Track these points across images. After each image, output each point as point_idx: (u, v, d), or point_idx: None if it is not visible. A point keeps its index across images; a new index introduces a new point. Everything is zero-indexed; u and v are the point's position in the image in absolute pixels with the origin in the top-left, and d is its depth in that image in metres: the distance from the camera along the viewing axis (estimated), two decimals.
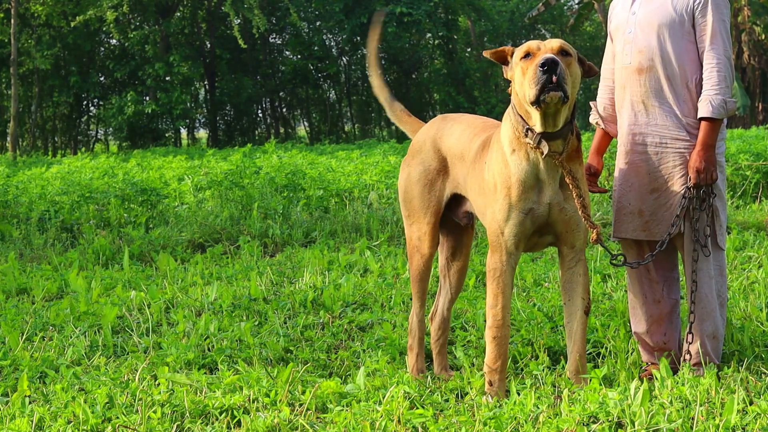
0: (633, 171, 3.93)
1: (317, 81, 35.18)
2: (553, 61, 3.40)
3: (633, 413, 3.24)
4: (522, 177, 3.58)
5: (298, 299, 5.54)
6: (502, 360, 3.67)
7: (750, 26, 26.26)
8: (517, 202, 3.59)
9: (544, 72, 3.39)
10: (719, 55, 3.77)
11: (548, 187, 3.59)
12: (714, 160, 3.76)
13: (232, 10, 27.63)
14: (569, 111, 3.55)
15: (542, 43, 3.56)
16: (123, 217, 9.08)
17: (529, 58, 3.53)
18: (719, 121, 3.77)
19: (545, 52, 3.48)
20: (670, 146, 3.85)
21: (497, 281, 3.65)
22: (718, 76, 3.75)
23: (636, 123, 3.91)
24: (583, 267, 3.71)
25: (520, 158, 3.58)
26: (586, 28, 36.44)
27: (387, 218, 8.56)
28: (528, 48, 3.55)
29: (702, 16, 3.80)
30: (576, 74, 3.54)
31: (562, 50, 3.51)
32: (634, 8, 3.95)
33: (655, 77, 3.86)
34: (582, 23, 26.79)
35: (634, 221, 3.94)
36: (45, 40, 29.75)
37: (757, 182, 10.21)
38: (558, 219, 3.62)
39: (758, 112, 28.13)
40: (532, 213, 3.60)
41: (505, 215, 3.61)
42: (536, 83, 3.41)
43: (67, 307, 5.47)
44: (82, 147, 33.31)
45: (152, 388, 3.82)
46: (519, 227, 3.61)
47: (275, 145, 17.52)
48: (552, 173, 3.58)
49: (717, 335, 3.89)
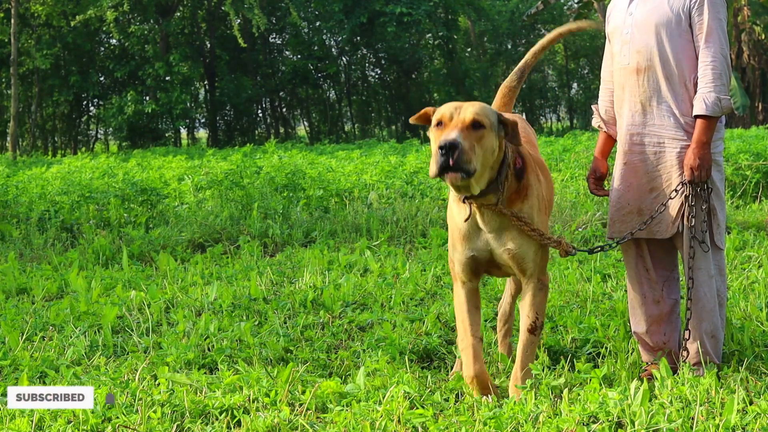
0: (632, 171, 3.93)
1: (317, 81, 35.18)
2: (452, 145, 3.31)
3: (633, 413, 3.25)
4: (460, 224, 3.68)
5: (298, 299, 5.54)
6: (475, 370, 3.67)
7: (750, 26, 26.24)
8: (457, 245, 3.72)
9: (442, 154, 3.34)
10: (714, 52, 3.77)
11: (487, 235, 3.65)
12: (709, 157, 3.77)
13: (232, 9, 27.64)
14: (491, 173, 3.51)
15: (457, 109, 3.46)
16: (123, 217, 9.08)
17: (440, 127, 3.46)
18: (714, 118, 3.77)
19: (453, 127, 3.40)
20: (668, 146, 3.85)
21: (456, 301, 3.81)
22: (713, 74, 3.76)
23: (634, 123, 3.92)
24: (533, 289, 3.70)
25: (460, 207, 3.67)
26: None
27: (387, 218, 8.56)
28: (441, 116, 3.47)
29: (698, 14, 3.81)
30: (489, 146, 3.45)
31: (474, 122, 3.41)
32: (631, 9, 3.96)
33: (653, 77, 3.86)
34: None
35: (633, 220, 3.94)
36: (45, 39, 29.76)
37: (757, 182, 10.20)
38: (503, 258, 3.68)
39: (758, 112, 28.11)
40: (474, 257, 3.70)
41: (452, 254, 3.78)
42: (435, 162, 3.37)
43: (67, 307, 5.48)
44: (82, 147, 33.33)
45: (152, 388, 3.82)
46: (465, 265, 3.73)
47: (275, 145, 17.52)
48: (490, 221, 3.63)
49: (716, 335, 3.90)
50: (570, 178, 10.82)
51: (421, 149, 16.67)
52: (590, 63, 40.08)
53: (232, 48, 31.88)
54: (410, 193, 9.98)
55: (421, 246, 7.66)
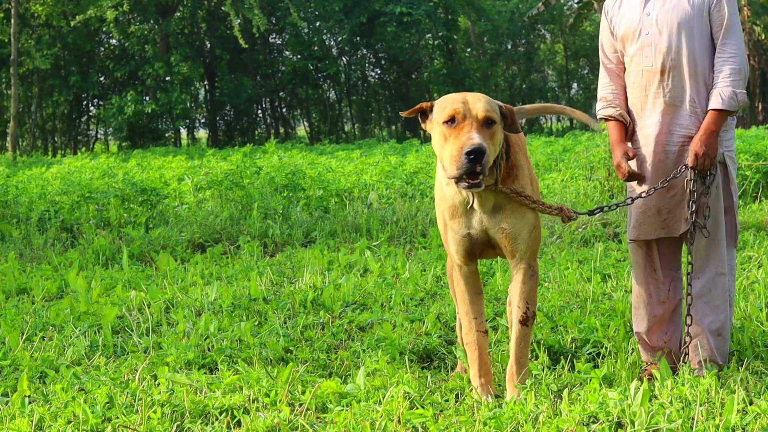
0: (654, 171, 3.91)
1: (317, 81, 35.21)
2: (479, 152, 3.29)
3: (633, 413, 3.24)
4: (455, 203, 3.65)
5: (298, 299, 5.54)
6: (478, 365, 3.67)
7: (750, 26, 26.27)
8: (451, 224, 3.68)
9: (469, 160, 3.30)
10: (732, 48, 3.78)
11: (481, 214, 3.62)
12: (715, 147, 3.76)
13: (232, 10, 27.65)
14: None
15: (465, 105, 3.42)
16: (123, 217, 9.08)
17: (452, 124, 3.42)
18: (728, 112, 3.77)
19: (470, 128, 3.36)
20: (687, 145, 3.84)
21: (456, 289, 3.77)
22: (730, 69, 3.76)
23: (660, 123, 3.87)
24: (523, 275, 3.66)
25: (453, 189, 3.63)
26: (586, 28, 36.45)
27: (387, 218, 8.56)
28: (453, 112, 3.42)
29: (717, 10, 3.81)
30: (499, 141, 3.47)
31: (487, 120, 3.41)
32: (648, 9, 3.91)
33: (678, 77, 3.84)
34: (582, 23, 26.80)
35: (655, 221, 3.93)
36: (45, 40, 29.77)
37: (757, 182, 10.21)
38: (496, 237, 3.65)
39: (758, 112, 28.14)
40: (469, 236, 3.66)
41: (445, 232, 3.74)
42: (459, 167, 3.33)
43: (67, 307, 5.47)
44: (82, 147, 33.34)
45: (152, 388, 3.82)
46: (459, 245, 3.69)
47: (275, 145, 17.53)
48: (485, 202, 3.60)
49: (722, 333, 3.89)
50: (570, 178, 10.82)
51: (421, 149, 16.68)
52: (590, 63, 40.08)
53: (232, 48, 31.89)
54: (410, 193, 9.98)
55: (421, 246, 7.66)
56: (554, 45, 41.29)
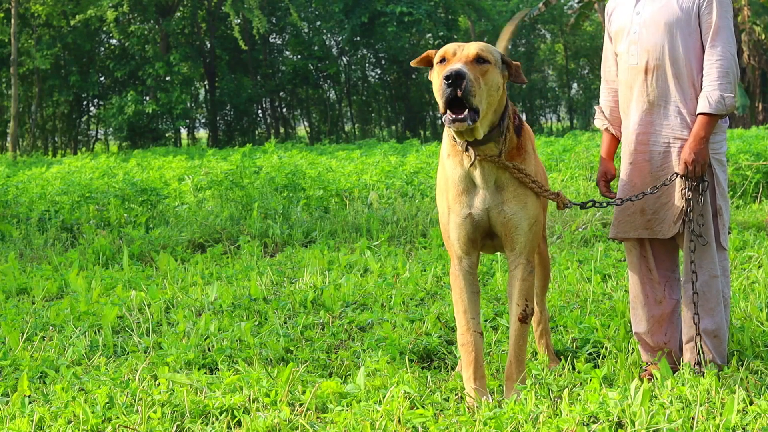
0: (637, 171, 3.92)
1: (317, 81, 35.20)
2: (458, 74, 3.28)
3: (633, 413, 3.24)
4: (456, 180, 3.60)
5: (298, 299, 5.54)
6: (474, 367, 3.63)
7: (750, 26, 26.24)
8: (453, 205, 3.62)
9: (448, 85, 3.30)
10: (721, 51, 3.76)
11: (484, 192, 3.58)
12: (705, 153, 3.76)
13: (232, 10, 27.65)
14: (493, 116, 3.49)
15: (460, 47, 3.45)
16: (123, 217, 9.08)
17: (444, 63, 3.45)
18: (716, 116, 3.77)
19: (457, 61, 3.39)
20: (673, 146, 3.85)
21: (454, 286, 3.72)
22: (718, 72, 3.75)
23: (642, 122, 3.90)
24: (522, 271, 3.64)
25: (454, 163, 3.59)
26: (587, 28, 36.45)
27: (387, 218, 8.56)
28: (444, 52, 3.46)
29: (707, 13, 3.80)
30: (494, 82, 3.44)
31: (478, 57, 3.40)
32: (638, 8, 3.93)
33: (662, 77, 3.85)
34: (582, 23, 26.78)
35: (636, 220, 3.94)
36: (45, 40, 29.77)
37: (757, 182, 10.20)
38: (497, 221, 3.60)
39: (758, 112, 28.12)
40: (470, 217, 3.61)
41: (446, 219, 3.67)
42: (441, 95, 3.34)
43: (67, 307, 5.47)
44: (82, 147, 33.35)
45: (152, 388, 3.82)
46: (461, 230, 3.63)
47: (275, 145, 17.53)
48: (487, 177, 3.56)
49: (719, 335, 3.89)
50: (570, 178, 10.82)
51: (421, 149, 16.68)
52: (590, 63, 40.09)
53: (232, 48, 31.90)
54: (410, 193, 9.98)
55: (421, 246, 7.66)
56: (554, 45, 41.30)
